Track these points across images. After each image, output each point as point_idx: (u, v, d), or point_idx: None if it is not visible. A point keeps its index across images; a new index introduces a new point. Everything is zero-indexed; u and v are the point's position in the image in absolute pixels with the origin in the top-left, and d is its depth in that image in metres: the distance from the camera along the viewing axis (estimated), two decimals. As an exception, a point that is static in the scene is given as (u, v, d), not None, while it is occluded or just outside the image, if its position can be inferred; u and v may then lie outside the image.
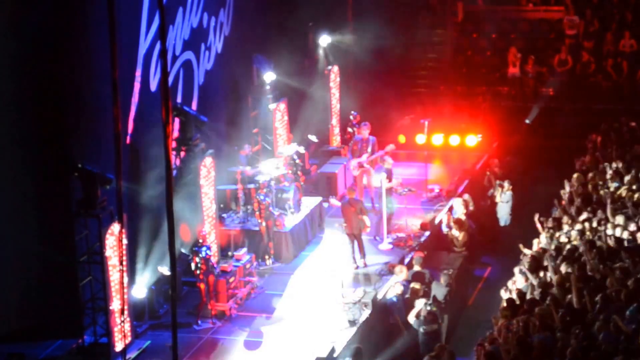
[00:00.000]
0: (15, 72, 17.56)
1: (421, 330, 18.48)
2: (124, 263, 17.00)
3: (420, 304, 18.53)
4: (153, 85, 20.10)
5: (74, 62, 17.81)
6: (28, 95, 17.73)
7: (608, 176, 21.92)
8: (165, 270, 19.16)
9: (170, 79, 21.10)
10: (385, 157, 23.19)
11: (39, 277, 18.16)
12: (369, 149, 23.95)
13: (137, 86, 19.61)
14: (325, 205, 24.10)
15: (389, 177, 22.63)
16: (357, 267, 21.09)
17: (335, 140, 27.64)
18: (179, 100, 21.38)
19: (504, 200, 24.30)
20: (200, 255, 19.01)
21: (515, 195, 24.54)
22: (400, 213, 23.14)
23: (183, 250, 19.70)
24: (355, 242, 21.19)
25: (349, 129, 26.33)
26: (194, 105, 22.19)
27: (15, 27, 17.38)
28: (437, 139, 26.95)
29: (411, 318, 18.58)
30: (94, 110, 17.92)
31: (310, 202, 23.25)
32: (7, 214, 17.98)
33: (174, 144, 20.24)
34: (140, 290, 18.73)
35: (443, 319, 19.21)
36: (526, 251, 19.11)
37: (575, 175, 22.42)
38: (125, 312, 17.64)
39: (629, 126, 25.73)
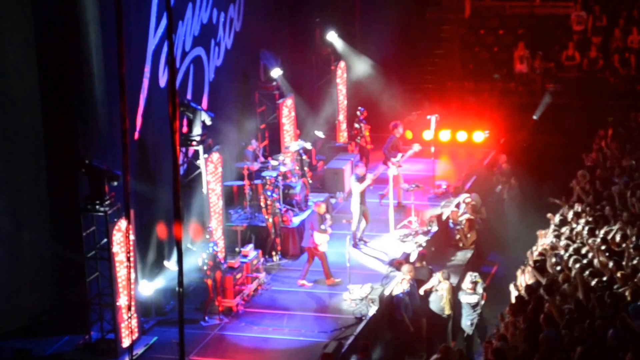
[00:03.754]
0: (23, 68, 17.57)
1: (463, 300, 19.01)
2: (131, 259, 16.99)
3: (467, 276, 19.09)
4: (162, 82, 20.08)
5: (82, 57, 17.78)
6: (35, 91, 17.73)
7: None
8: (172, 266, 19.16)
9: (180, 75, 21.11)
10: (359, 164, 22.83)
11: (46, 273, 18.17)
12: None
13: (145, 82, 19.59)
14: (333, 201, 24.08)
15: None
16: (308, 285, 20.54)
17: (343, 136, 27.61)
18: (189, 96, 21.37)
19: (510, 197, 24.26)
20: (207, 251, 18.99)
21: (522, 192, 24.47)
22: (407, 209, 23.11)
23: (190, 247, 19.69)
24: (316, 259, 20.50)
25: (356, 125, 26.28)
26: (205, 101, 22.18)
27: (23, 23, 17.38)
28: (444, 135, 26.91)
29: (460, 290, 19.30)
30: (102, 106, 17.92)
31: (317, 198, 23.22)
32: (14, 209, 17.99)
33: (181, 140, 20.23)
34: (147, 286, 18.72)
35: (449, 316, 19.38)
36: (539, 244, 19.12)
37: (582, 172, 22.36)
38: (132, 308, 17.66)
39: (637, 122, 25.64)
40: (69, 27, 17.64)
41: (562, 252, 18.20)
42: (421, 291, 19.33)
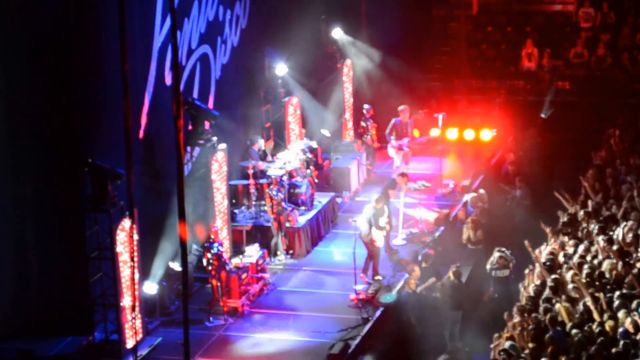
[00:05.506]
0: (27, 65, 17.52)
1: (493, 274, 19.42)
2: (135, 259, 16.87)
3: (495, 252, 19.51)
4: (168, 80, 19.96)
5: (86, 55, 17.73)
6: (39, 89, 17.66)
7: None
8: (176, 266, 19.05)
9: (187, 73, 21.00)
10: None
11: (49, 273, 18.07)
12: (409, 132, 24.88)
13: (151, 80, 19.47)
14: (339, 200, 23.95)
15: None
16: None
17: (349, 135, 27.47)
18: (196, 94, 21.24)
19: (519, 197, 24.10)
20: (212, 251, 18.87)
21: (529, 191, 24.31)
22: (414, 208, 23.01)
23: (195, 246, 19.59)
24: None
25: (362, 123, 26.15)
26: (211, 99, 22.05)
27: (28, 20, 17.33)
28: (452, 134, 26.75)
29: (487, 265, 19.69)
30: (106, 104, 17.84)
31: (323, 197, 23.10)
32: (16, 209, 17.88)
33: (185, 139, 20.09)
34: (152, 286, 18.59)
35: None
36: (539, 250, 18.99)
37: (590, 171, 22.22)
38: (136, 309, 17.50)
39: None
40: (72, 24, 17.54)
41: (570, 251, 18.09)
42: (419, 290, 19.12)
